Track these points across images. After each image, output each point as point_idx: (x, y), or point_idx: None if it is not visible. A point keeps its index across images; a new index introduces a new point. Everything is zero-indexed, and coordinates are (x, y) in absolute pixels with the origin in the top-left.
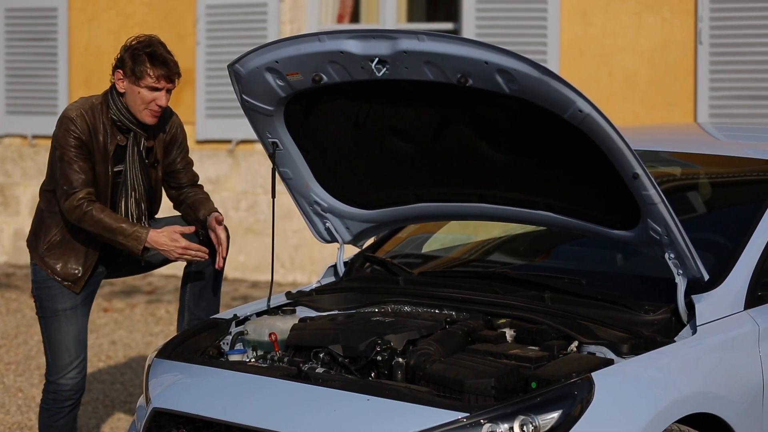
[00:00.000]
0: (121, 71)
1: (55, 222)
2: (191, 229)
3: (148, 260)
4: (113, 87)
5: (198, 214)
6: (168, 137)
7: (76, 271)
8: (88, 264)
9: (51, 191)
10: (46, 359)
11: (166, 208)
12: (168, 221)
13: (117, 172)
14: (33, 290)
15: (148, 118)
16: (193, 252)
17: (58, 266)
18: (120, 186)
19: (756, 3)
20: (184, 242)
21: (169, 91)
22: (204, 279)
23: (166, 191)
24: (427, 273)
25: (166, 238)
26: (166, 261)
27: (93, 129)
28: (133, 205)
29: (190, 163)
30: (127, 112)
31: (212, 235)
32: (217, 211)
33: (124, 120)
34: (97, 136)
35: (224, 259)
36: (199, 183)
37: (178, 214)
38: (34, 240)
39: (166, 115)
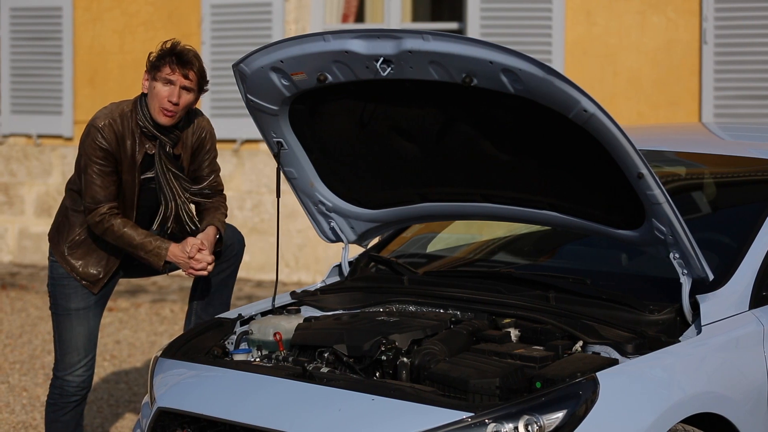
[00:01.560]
0: (147, 71)
1: (80, 221)
2: (202, 244)
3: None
4: (143, 93)
5: (201, 224)
6: (197, 143)
7: (97, 272)
8: (109, 267)
9: (77, 191)
10: (55, 354)
11: None
12: None
13: (146, 179)
14: (48, 286)
15: (162, 117)
16: (197, 267)
17: (79, 265)
18: (156, 192)
19: (761, 3)
20: (192, 254)
21: (187, 90)
22: (214, 285)
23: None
24: (432, 273)
25: (180, 251)
26: None
27: (120, 138)
28: (174, 209)
29: (216, 170)
30: (150, 117)
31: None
32: (216, 224)
33: (148, 125)
34: (125, 146)
35: (199, 270)
36: (222, 192)
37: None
38: (56, 236)
39: (196, 120)
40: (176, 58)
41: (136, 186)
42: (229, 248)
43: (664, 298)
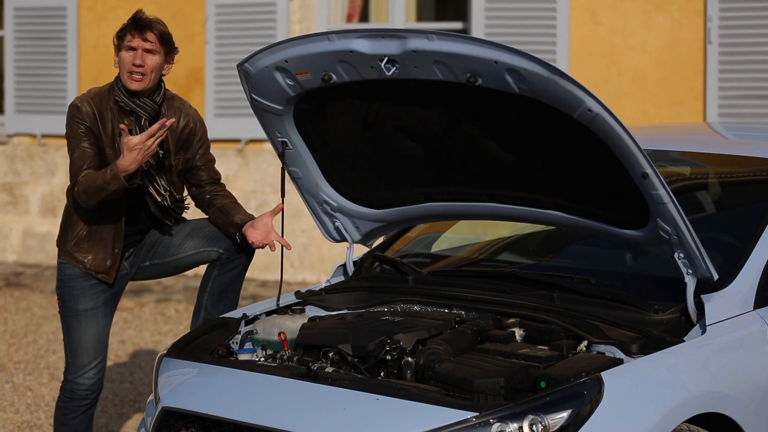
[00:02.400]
0: (114, 49)
1: (81, 217)
2: (171, 121)
3: (175, 264)
4: (118, 74)
5: (233, 219)
6: (186, 131)
7: (107, 262)
8: (116, 253)
9: None
10: (65, 357)
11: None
12: (196, 224)
13: None
14: (57, 288)
15: (131, 83)
16: (150, 141)
17: (88, 259)
18: (134, 175)
19: (765, 3)
20: (139, 144)
21: (150, 52)
22: (226, 282)
23: (187, 189)
24: (437, 272)
25: (129, 152)
26: (193, 264)
27: (99, 114)
28: (161, 188)
29: (212, 160)
30: (124, 89)
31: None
32: (252, 216)
33: (124, 98)
34: (104, 121)
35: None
36: (221, 181)
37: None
38: (62, 238)
39: (182, 107)
40: (134, 25)
41: None
42: (240, 245)
43: (669, 298)
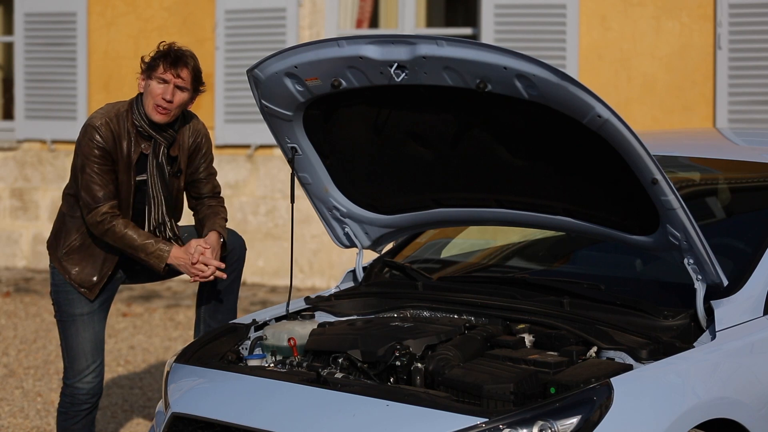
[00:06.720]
0: (142, 72)
1: (76, 226)
2: (205, 246)
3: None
4: (139, 94)
5: (203, 231)
6: (193, 146)
7: (93, 278)
8: (104, 271)
9: (73, 195)
10: (63, 363)
11: (186, 215)
12: (188, 229)
13: (141, 181)
14: (51, 293)
15: (156, 115)
16: (203, 271)
17: (75, 271)
18: (144, 195)
19: None
20: (195, 259)
21: (180, 89)
22: (220, 291)
23: (187, 200)
24: (446, 278)
25: (183, 253)
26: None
27: (117, 137)
28: (157, 214)
29: (213, 173)
30: (145, 116)
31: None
32: (218, 229)
33: (144, 125)
34: (121, 144)
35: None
36: (220, 195)
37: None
38: (54, 242)
39: (191, 124)
40: (170, 59)
41: (132, 187)
42: (231, 253)
43: (679, 303)
